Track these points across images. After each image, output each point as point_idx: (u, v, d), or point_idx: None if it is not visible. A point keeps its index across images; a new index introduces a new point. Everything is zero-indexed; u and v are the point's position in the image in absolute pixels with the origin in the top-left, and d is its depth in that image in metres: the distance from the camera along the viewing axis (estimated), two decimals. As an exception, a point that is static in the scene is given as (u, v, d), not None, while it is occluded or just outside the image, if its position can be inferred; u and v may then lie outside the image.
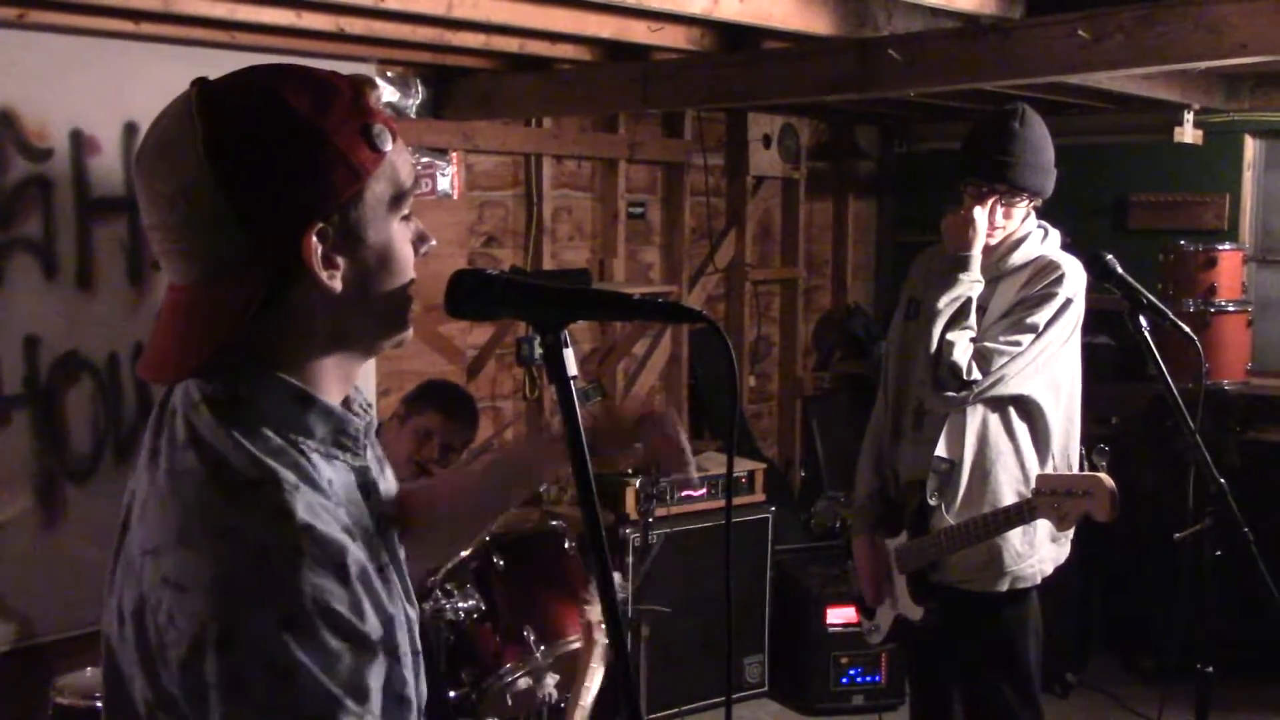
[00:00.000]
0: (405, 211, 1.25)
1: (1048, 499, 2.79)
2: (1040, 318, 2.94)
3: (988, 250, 3.06)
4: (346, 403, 1.30)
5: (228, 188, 1.14)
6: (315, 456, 1.22)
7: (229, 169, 1.14)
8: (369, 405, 1.37)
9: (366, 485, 1.30)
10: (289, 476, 1.16)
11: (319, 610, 1.10)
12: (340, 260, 1.20)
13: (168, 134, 1.18)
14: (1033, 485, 2.89)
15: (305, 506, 1.15)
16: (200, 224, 1.16)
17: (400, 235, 1.25)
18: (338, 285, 1.19)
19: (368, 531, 1.26)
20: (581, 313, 1.29)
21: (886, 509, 3.22)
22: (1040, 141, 3.00)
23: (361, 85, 1.22)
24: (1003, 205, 3.00)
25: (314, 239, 1.17)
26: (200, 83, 1.19)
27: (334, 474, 1.24)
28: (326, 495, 1.20)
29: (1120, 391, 5.14)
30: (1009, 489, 3.01)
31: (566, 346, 1.27)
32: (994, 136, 2.99)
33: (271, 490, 1.14)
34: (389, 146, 1.21)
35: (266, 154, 1.15)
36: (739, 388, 5.79)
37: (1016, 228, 3.05)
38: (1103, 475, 2.76)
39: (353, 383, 1.31)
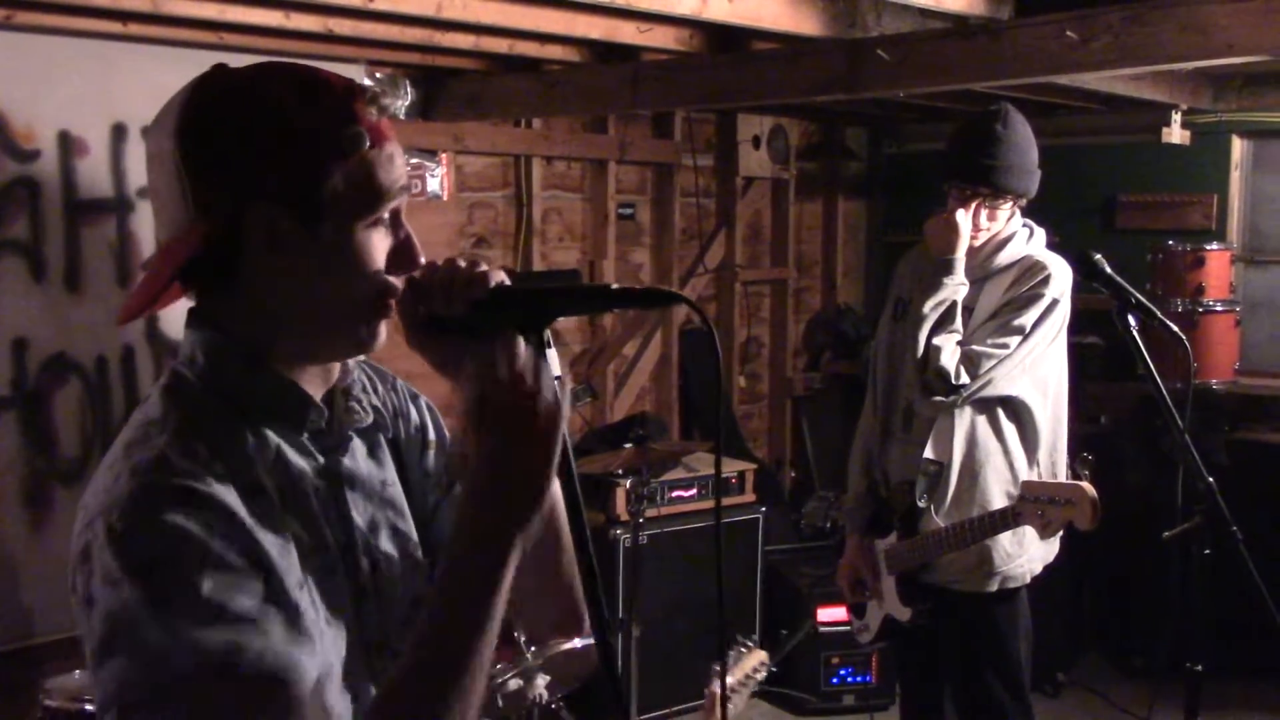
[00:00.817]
0: (375, 218, 1.26)
1: (1031, 506, 2.79)
2: (1027, 319, 2.94)
3: (972, 251, 3.06)
4: (345, 394, 1.35)
5: (183, 154, 1.22)
6: (266, 428, 1.26)
7: (189, 138, 1.22)
8: (376, 408, 1.40)
9: (331, 473, 1.32)
10: (175, 420, 1.22)
11: (155, 528, 1.13)
12: (294, 246, 1.23)
13: (168, 102, 1.26)
14: (1019, 490, 2.89)
15: (181, 448, 1.19)
16: (166, 185, 1.24)
17: (367, 242, 1.26)
18: (278, 264, 1.23)
19: (310, 513, 1.27)
20: (557, 309, 1.28)
21: (876, 509, 3.22)
22: (1024, 143, 3.01)
23: (355, 91, 1.25)
24: (986, 208, 3.00)
25: (253, 216, 1.21)
26: (216, 66, 1.28)
27: (291, 449, 1.28)
28: (238, 452, 1.23)
29: (1109, 391, 5.16)
30: (998, 490, 3.01)
31: (550, 347, 1.26)
32: (977, 139, 3.00)
33: (150, 428, 1.22)
34: (361, 147, 1.23)
35: (223, 130, 1.22)
36: (722, 379, 5.80)
37: (1001, 228, 3.05)
38: (1085, 484, 2.77)
39: (326, 383, 1.33)
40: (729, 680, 2.81)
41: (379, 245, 1.27)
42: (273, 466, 1.26)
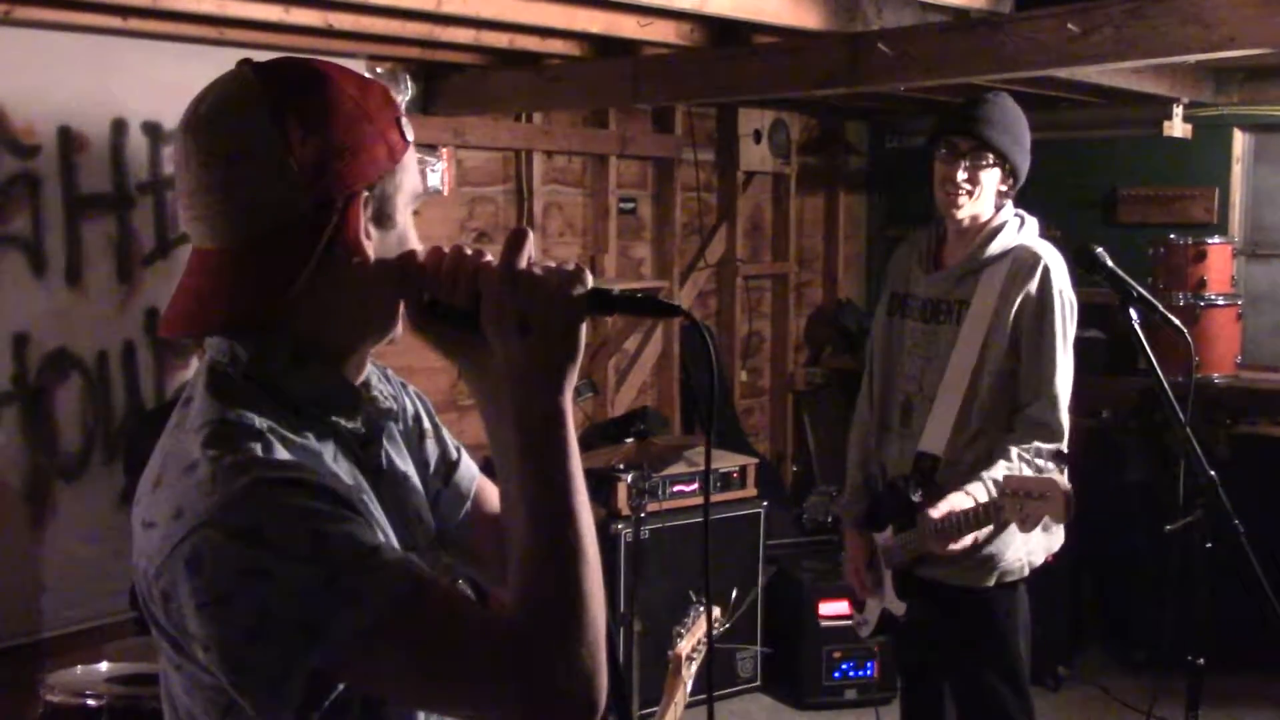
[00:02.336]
0: (417, 206, 1.31)
1: (1011, 500, 2.77)
2: (1054, 335, 2.94)
3: (963, 242, 3.07)
4: (366, 387, 1.34)
5: (290, 151, 1.19)
6: (311, 428, 1.25)
7: (293, 131, 1.19)
8: (393, 396, 1.40)
9: (371, 468, 1.32)
10: (256, 420, 1.20)
11: (279, 513, 1.13)
12: (373, 234, 1.25)
13: (226, 100, 1.22)
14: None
15: (264, 446, 1.19)
16: (258, 186, 1.19)
17: (409, 233, 1.30)
18: (372, 255, 1.24)
19: (370, 505, 1.27)
20: None
21: (873, 503, 3.22)
22: (1013, 115, 3.03)
23: (389, 88, 1.30)
24: (969, 168, 2.99)
25: (360, 207, 1.22)
26: (250, 61, 1.25)
27: (335, 449, 1.27)
28: (303, 448, 1.23)
29: (1110, 385, 5.15)
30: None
31: None
32: (966, 103, 3.08)
33: (237, 431, 1.19)
34: (411, 139, 1.28)
35: (325, 122, 1.20)
36: (714, 380, 5.80)
37: (988, 210, 3.02)
38: (1058, 477, 2.76)
39: (364, 369, 1.34)
40: (688, 643, 2.84)
41: (414, 236, 1.31)
42: (335, 462, 1.26)
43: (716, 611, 3.00)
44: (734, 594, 4.20)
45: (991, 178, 3.00)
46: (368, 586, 1.13)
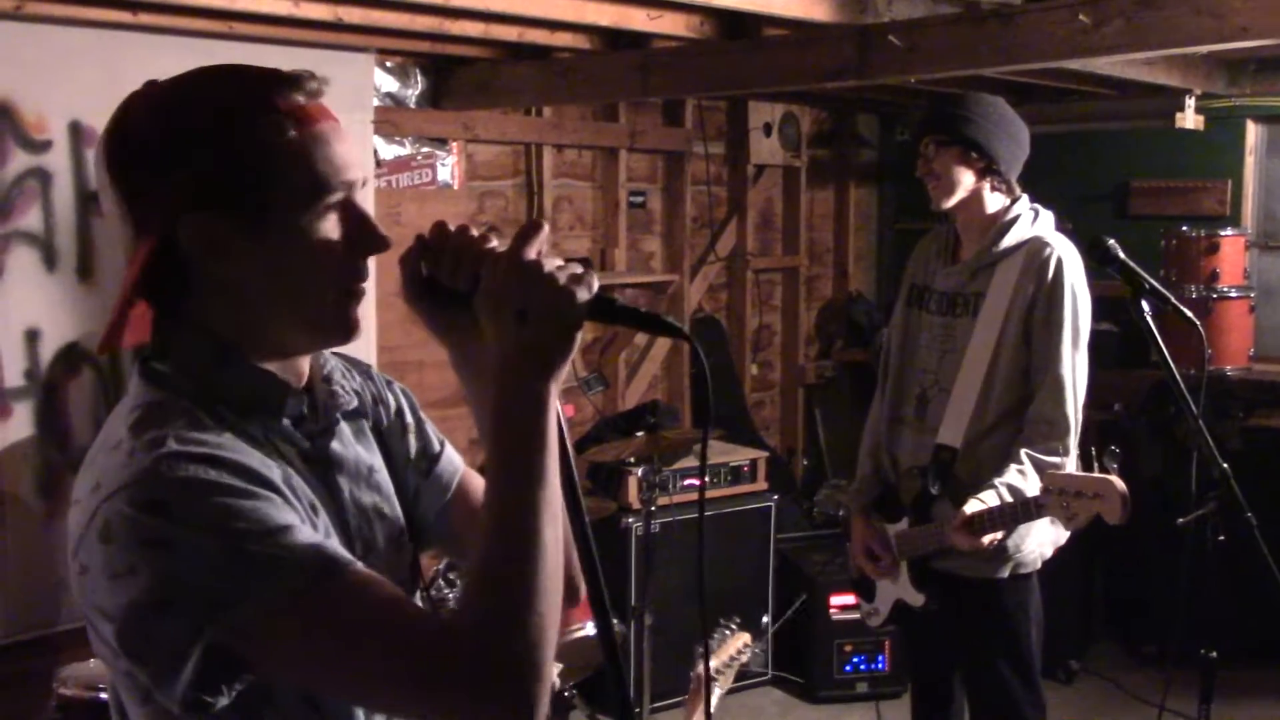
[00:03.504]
0: (323, 206, 1.23)
1: (1057, 498, 2.75)
2: (1063, 328, 2.93)
3: (976, 236, 3.06)
4: (327, 381, 1.35)
5: (113, 178, 1.23)
6: (235, 409, 1.25)
7: (115, 162, 1.23)
8: (357, 391, 1.40)
9: (318, 458, 1.32)
10: (183, 403, 1.22)
11: (187, 485, 1.13)
12: (238, 250, 1.21)
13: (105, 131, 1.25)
14: (1038, 480, 2.86)
15: (188, 423, 1.19)
16: (111, 210, 1.24)
17: (318, 232, 1.23)
18: (228, 270, 1.22)
19: (303, 493, 1.27)
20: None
21: (885, 493, 3.22)
22: (998, 110, 3.02)
23: (272, 78, 1.23)
24: (928, 158, 3.02)
25: (185, 231, 1.20)
26: (146, 84, 1.26)
27: (251, 429, 1.26)
28: (229, 429, 1.22)
29: (1123, 378, 5.14)
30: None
31: None
32: (948, 97, 3.12)
33: (161, 410, 1.21)
34: (283, 135, 1.20)
35: (142, 148, 1.21)
36: (709, 400, 5.79)
37: (966, 192, 3.02)
38: (1114, 478, 2.72)
39: (303, 373, 1.32)
40: (714, 663, 2.85)
41: (333, 233, 1.24)
42: (261, 447, 1.25)
43: (747, 637, 3.00)
44: (765, 621, 4.22)
45: (953, 165, 3.00)
46: (273, 562, 1.11)
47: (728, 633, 2.89)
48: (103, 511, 1.14)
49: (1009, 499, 2.83)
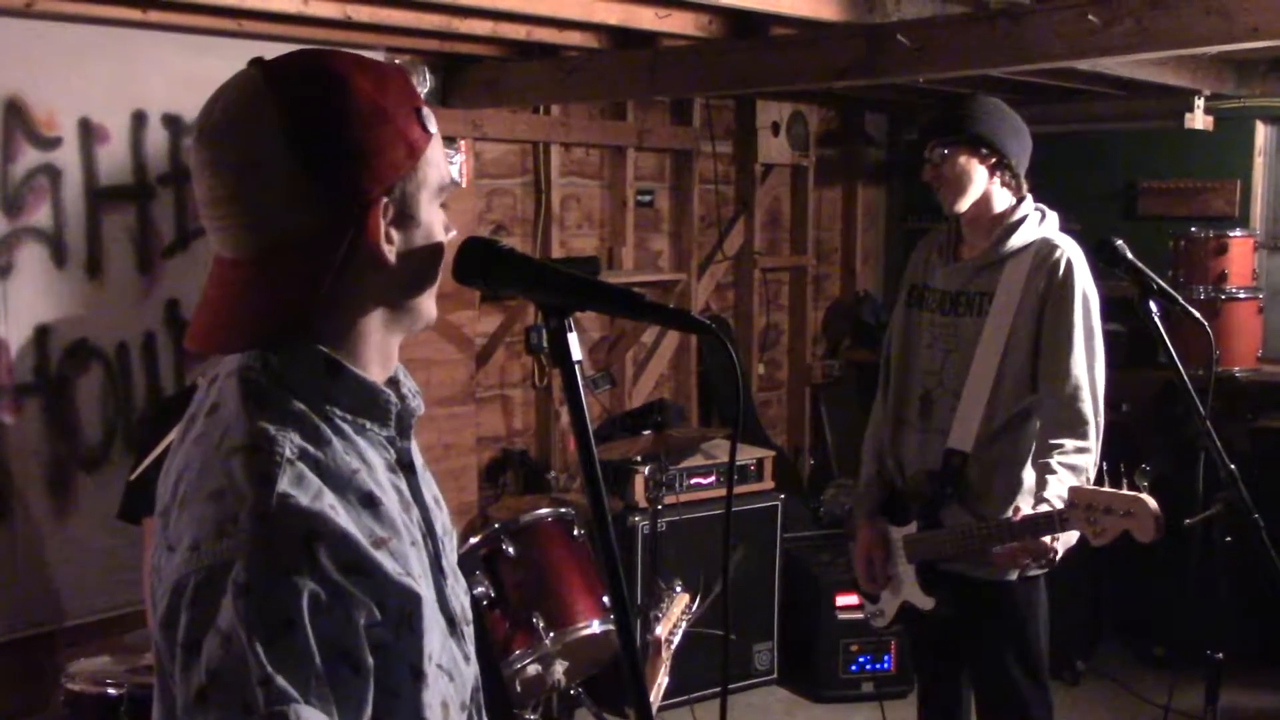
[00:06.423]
0: (444, 198, 1.28)
1: (1083, 513, 2.71)
2: (1074, 328, 2.93)
3: (983, 235, 3.05)
4: (394, 384, 1.32)
5: (303, 161, 1.16)
6: (346, 426, 1.22)
7: (304, 143, 1.16)
8: (417, 392, 1.37)
9: (404, 463, 1.31)
10: (288, 448, 1.15)
11: (270, 587, 1.08)
12: (395, 236, 1.22)
13: (237, 107, 1.18)
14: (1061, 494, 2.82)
15: (294, 477, 1.13)
16: (271, 196, 1.17)
17: (439, 219, 1.28)
18: (393, 260, 1.22)
19: (404, 498, 1.27)
20: (590, 303, 1.29)
21: (891, 497, 3.21)
22: (998, 110, 3.03)
23: (408, 72, 1.26)
24: (935, 163, 3.02)
25: (379, 214, 1.19)
26: (260, 62, 1.21)
27: (368, 445, 1.24)
28: (341, 465, 1.18)
29: (1131, 378, 5.13)
30: (1025, 483, 2.98)
31: (571, 331, 1.27)
32: (949, 101, 3.12)
33: (261, 458, 1.14)
34: (434, 129, 1.25)
35: (338, 130, 1.17)
36: (741, 395, 5.80)
37: (978, 192, 3.02)
38: (1146, 497, 2.66)
39: (393, 362, 1.32)
40: (663, 630, 2.88)
41: (442, 221, 1.29)
42: (366, 469, 1.22)
43: (687, 598, 3.04)
44: (702, 582, 4.22)
45: (964, 164, 2.99)
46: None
47: (671, 596, 2.90)
48: (195, 578, 1.11)
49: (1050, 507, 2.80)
